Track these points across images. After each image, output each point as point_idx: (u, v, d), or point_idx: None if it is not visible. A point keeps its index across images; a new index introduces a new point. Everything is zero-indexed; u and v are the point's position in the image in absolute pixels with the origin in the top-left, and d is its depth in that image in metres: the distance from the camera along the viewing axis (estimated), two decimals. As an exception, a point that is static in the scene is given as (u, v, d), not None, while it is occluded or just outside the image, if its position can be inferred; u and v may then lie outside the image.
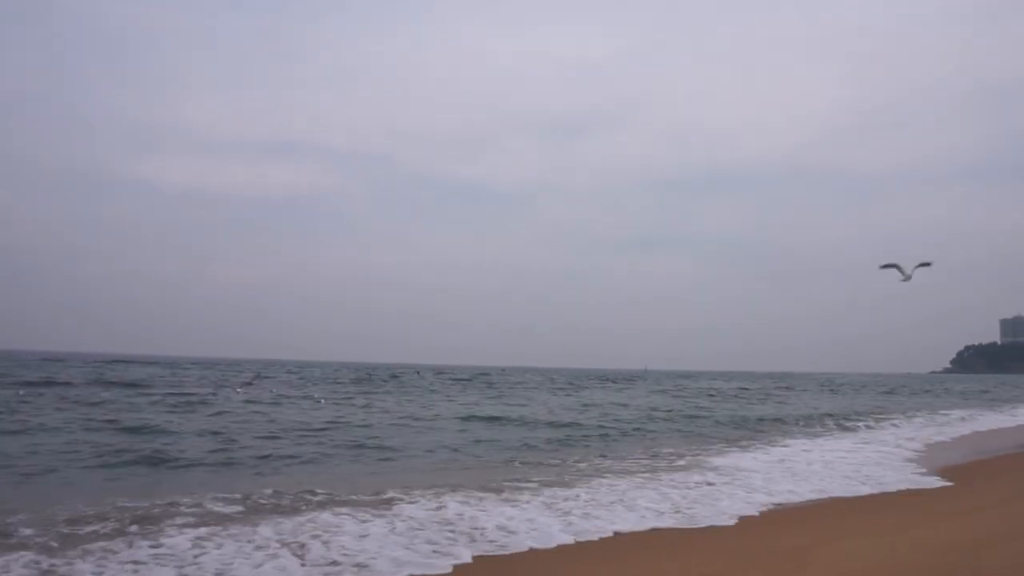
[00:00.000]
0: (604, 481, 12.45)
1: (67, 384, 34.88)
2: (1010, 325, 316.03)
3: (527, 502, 10.33)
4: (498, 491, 11.17)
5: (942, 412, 34.88)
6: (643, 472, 13.69)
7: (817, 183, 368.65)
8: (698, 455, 16.54)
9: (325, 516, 9.14)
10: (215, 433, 17.53)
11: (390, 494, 10.67)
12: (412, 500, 10.29)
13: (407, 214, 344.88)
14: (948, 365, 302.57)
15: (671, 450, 17.43)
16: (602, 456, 16.20)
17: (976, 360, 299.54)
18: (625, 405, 34.13)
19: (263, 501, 10.09)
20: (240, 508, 9.65)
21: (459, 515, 9.33)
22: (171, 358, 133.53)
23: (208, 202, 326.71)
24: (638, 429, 22.71)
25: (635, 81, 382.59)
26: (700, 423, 25.78)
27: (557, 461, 15.25)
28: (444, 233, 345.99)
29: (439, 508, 9.78)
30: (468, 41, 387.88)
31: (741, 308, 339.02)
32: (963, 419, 30.78)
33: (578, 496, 10.91)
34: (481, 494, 10.83)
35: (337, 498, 10.37)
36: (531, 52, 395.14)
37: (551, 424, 23.33)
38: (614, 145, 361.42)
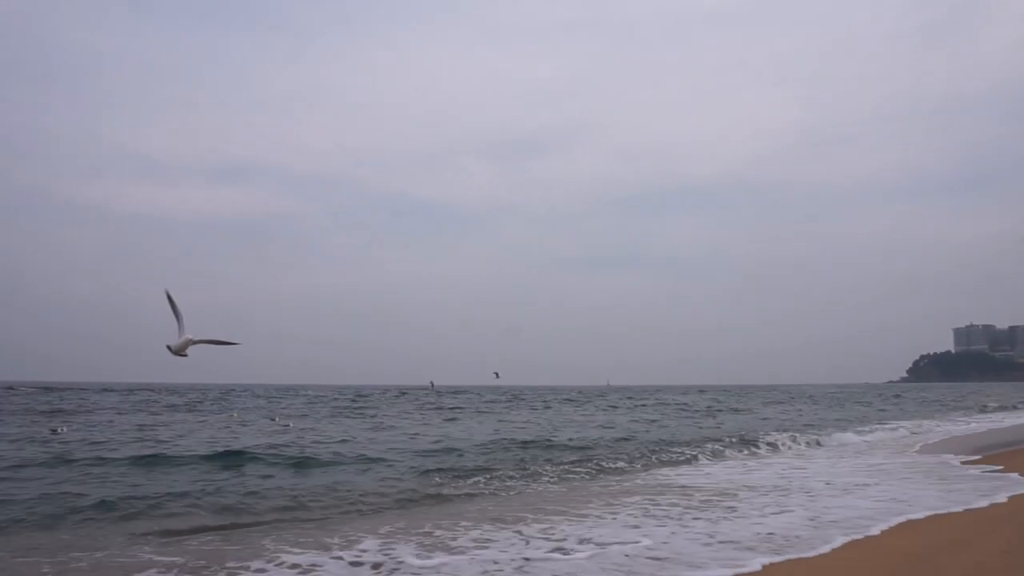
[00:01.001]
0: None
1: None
2: (963, 334, 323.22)
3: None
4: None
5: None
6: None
7: (768, 199, 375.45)
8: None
9: None
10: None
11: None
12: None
13: (362, 235, 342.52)
14: (904, 374, 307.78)
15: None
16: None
17: (931, 369, 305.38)
18: (524, 426, 30.32)
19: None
20: None
21: None
22: (122, 384, 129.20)
23: (159, 226, 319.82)
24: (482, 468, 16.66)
25: (588, 102, 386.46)
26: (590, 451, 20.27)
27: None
28: (399, 254, 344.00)
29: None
30: (422, 63, 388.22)
31: (699, 322, 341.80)
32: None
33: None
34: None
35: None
36: (485, 74, 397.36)
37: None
38: (568, 165, 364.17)
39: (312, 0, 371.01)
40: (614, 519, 10.34)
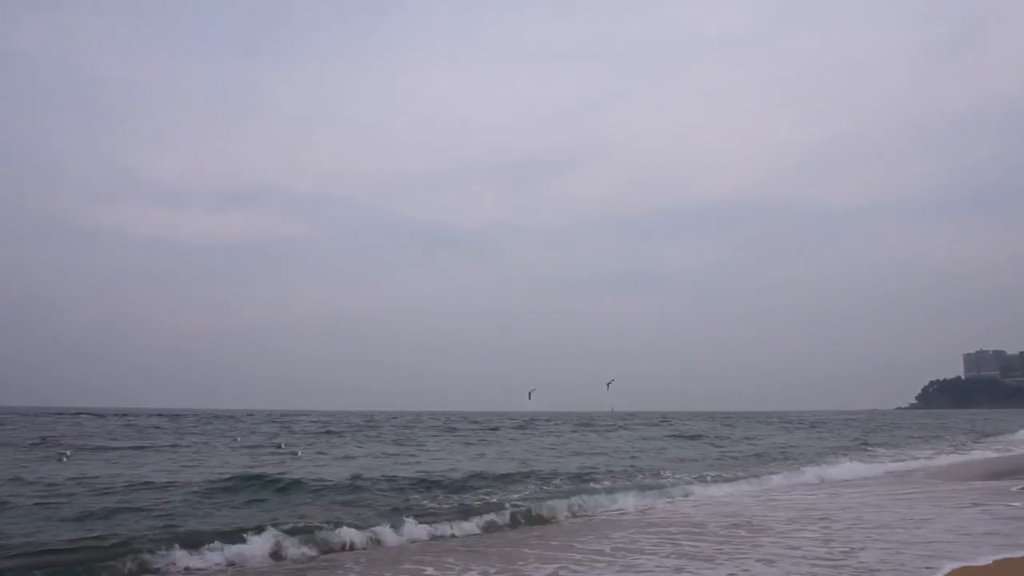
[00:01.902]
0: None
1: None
2: (973, 359, 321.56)
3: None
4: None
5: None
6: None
7: (776, 220, 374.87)
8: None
9: None
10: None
11: None
12: None
13: (369, 258, 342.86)
14: (913, 401, 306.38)
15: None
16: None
17: (940, 395, 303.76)
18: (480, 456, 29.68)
19: None
20: None
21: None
22: (136, 410, 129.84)
23: (172, 251, 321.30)
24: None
25: (596, 124, 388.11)
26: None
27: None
28: (407, 277, 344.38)
29: None
30: (430, 86, 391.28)
31: (708, 347, 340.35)
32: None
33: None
34: None
35: None
36: (493, 97, 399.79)
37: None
38: (576, 188, 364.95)
39: (321, 24, 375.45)
40: None
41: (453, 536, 13.30)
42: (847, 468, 25.90)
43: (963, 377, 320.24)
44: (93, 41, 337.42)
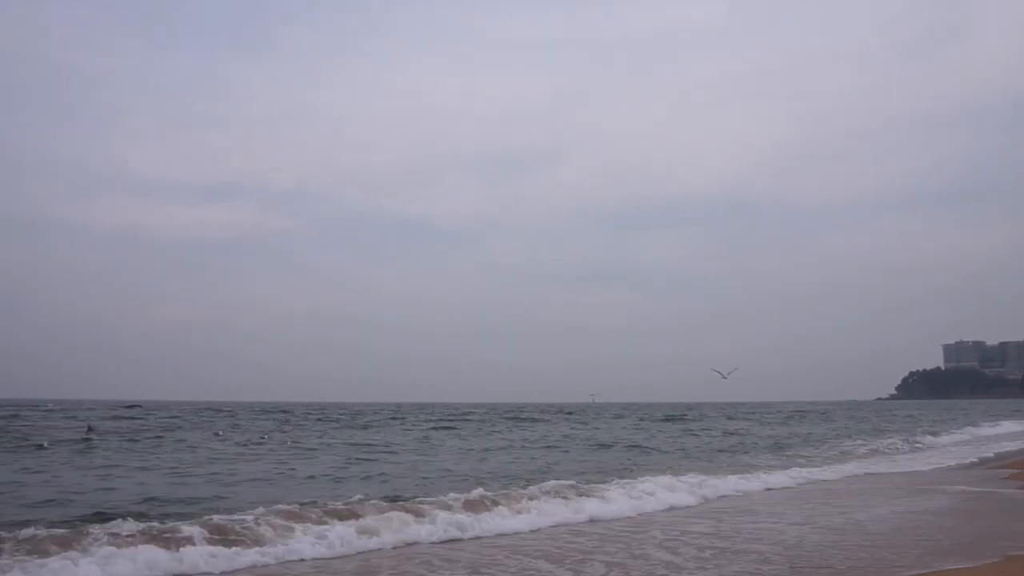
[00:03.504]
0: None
1: None
2: (953, 350, 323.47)
3: None
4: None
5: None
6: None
7: (755, 215, 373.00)
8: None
9: None
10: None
11: None
12: None
13: (347, 252, 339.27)
14: (893, 391, 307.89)
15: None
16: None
17: (920, 386, 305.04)
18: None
19: None
20: None
21: None
22: (108, 401, 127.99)
23: (148, 244, 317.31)
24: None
25: (573, 118, 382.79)
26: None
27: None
28: (386, 270, 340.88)
29: None
30: (407, 80, 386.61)
31: (686, 339, 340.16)
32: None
33: None
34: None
35: None
36: (471, 91, 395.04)
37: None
38: (554, 182, 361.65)
39: (297, 18, 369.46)
40: None
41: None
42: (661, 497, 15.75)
43: (943, 368, 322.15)
44: (67, 33, 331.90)
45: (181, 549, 9.56)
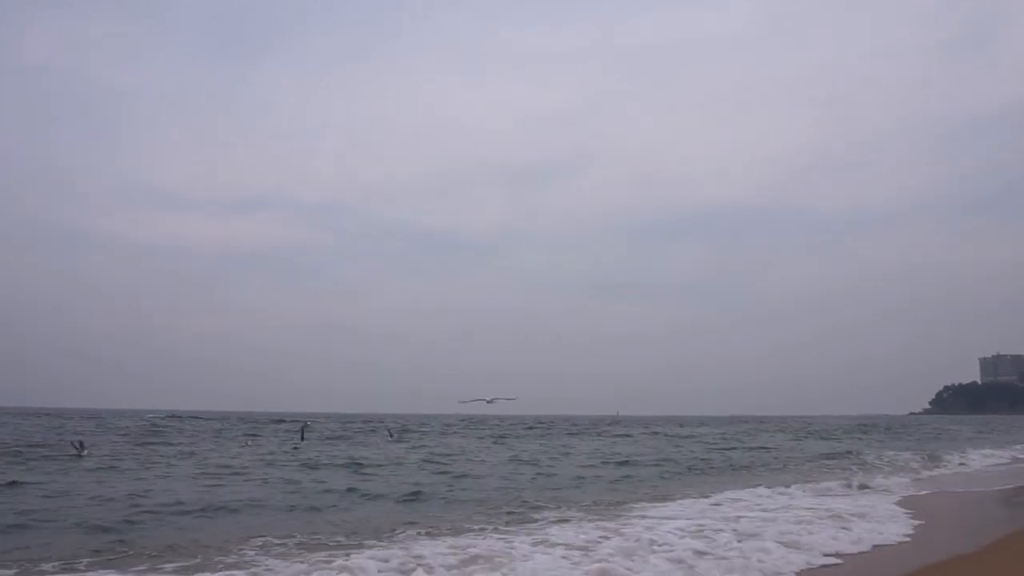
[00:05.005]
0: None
1: None
2: (990, 364, 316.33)
3: None
4: None
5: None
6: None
7: (782, 225, 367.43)
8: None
9: None
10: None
11: None
12: None
13: (372, 264, 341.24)
14: (927, 406, 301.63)
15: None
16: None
17: (956, 401, 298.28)
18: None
19: None
20: None
21: None
22: (142, 411, 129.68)
23: (176, 256, 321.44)
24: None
25: (597, 129, 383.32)
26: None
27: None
28: (412, 283, 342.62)
29: None
30: (431, 92, 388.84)
31: (713, 351, 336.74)
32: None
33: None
34: None
35: None
36: (494, 102, 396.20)
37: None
38: (579, 192, 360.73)
39: (322, 31, 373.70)
40: None
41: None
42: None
43: (979, 382, 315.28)
44: (97, 49, 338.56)
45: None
